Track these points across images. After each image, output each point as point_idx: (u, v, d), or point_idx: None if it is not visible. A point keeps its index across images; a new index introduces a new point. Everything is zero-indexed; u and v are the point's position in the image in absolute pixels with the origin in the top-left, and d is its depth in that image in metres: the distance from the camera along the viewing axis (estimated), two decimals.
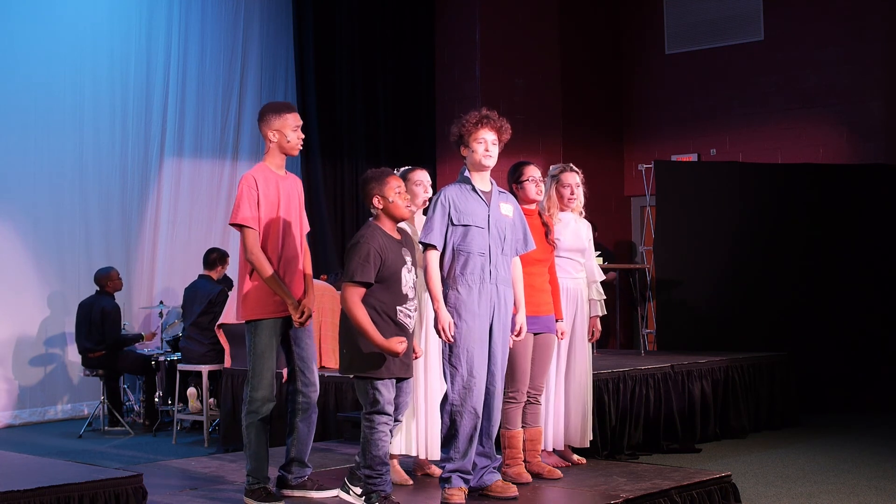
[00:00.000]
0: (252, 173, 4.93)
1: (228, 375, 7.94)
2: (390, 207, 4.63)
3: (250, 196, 4.84)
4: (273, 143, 4.96)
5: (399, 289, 4.55)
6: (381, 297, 4.52)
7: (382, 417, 4.54)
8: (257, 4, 11.50)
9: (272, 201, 4.90)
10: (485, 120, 4.94)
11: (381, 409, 4.53)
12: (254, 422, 4.87)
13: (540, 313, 5.42)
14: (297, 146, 5.00)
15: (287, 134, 4.95)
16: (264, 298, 4.86)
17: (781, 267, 10.06)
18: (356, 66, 11.75)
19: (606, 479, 5.43)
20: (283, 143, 4.96)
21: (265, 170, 4.96)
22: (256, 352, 4.87)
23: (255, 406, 4.86)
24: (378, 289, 4.51)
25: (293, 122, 4.96)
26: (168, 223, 10.78)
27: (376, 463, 4.53)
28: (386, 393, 4.54)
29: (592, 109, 12.32)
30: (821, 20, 11.30)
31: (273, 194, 4.91)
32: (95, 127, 10.35)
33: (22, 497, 4.11)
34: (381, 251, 4.50)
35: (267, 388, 4.87)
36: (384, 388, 4.53)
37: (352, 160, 11.73)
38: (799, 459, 7.22)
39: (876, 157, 10.79)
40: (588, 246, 6.08)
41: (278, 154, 4.99)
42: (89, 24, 10.34)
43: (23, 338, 9.88)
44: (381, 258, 4.50)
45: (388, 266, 4.52)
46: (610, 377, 7.16)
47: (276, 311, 4.87)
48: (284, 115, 4.95)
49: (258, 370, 4.86)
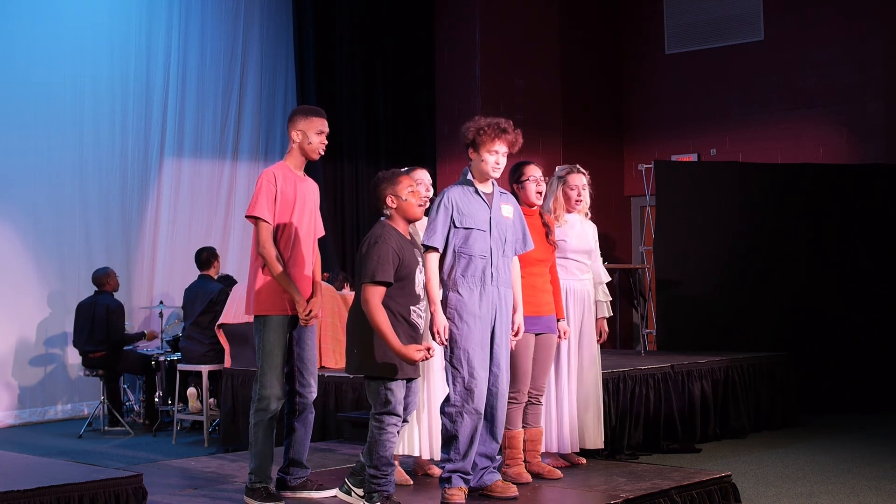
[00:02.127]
0: (273, 170, 4.97)
1: (228, 375, 7.94)
2: (403, 207, 4.62)
3: (269, 191, 4.88)
4: (295, 143, 5.01)
5: (413, 289, 4.57)
6: (396, 297, 4.52)
7: (392, 418, 4.53)
8: (257, 4, 11.50)
9: (289, 200, 4.92)
10: (504, 134, 4.93)
11: (391, 410, 4.52)
12: (262, 420, 4.86)
13: (541, 313, 5.41)
14: (319, 150, 5.02)
15: (310, 136, 4.98)
16: (275, 295, 4.87)
17: (781, 267, 10.06)
18: (356, 67, 11.75)
19: (606, 479, 5.43)
20: (305, 145, 4.99)
21: (285, 168, 5.00)
22: (265, 348, 4.87)
23: (264, 404, 4.86)
24: (394, 289, 4.51)
25: (318, 127, 4.99)
26: (168, 223, 10.78)
27: (382, 464, 4.52)
28: (398, 394, 4.53)
29: (592, 109, 12.32)
30: (821, 20, 11.30)
31: (290, 194, 4.94)
32: (95, 127, 10.35)
33: (22, 497, 4.11)
34: (398, 251, 4.51)
35: (276, 386, 4.87)
36: (397, 389, 4.53)
37: (352, 160, 11.73)
38: (799, 459, 7.22)
39: (875, 157, 10.79)
40: (594, 247, 6.08)
41: (299, 155, 5.03)
42: (89, 25, 10.35)
43: (23, 338, 9.88)
44: (399, 258, 4.50)
45: (404, 266, 4.52)
46: (610, 377, 7.16)
47: (285, 308, 4.88)
48: (311, 119, 4.99)
49: (267, 367, 4.86)
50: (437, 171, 11.72)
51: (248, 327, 7.37)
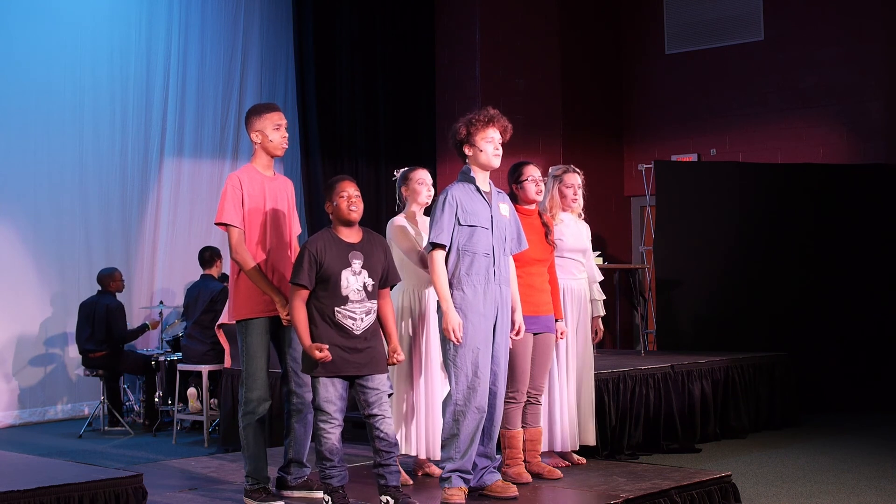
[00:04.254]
0: (237, 173, 4.94)
1: (228, 375, 7.94)
2: (335, 211, 4.73)
3: (234, 196, 4.85)
4: (257, 144, 4.97)
5: (338, 291, 4.64)
6: (321, 297, 4.65)
7: (321, 414, 4.64)
8: (257, 4, 11.50)
9: (257, 202, 4.90)
10: (494, 119, 4.95)
11: (317, 406, 4.65)
12: (251, 423, 4.88)
13: (539, 313, 5.42)
14: (281, 145, 4.99)
15: (269, 134, 4.94)
16: (253, 298, 4.87)
17: (781, 267, 10.06)
18: (356, 66, 11.75)
19: (606, 479, 5.43)
20: (266, 144, 4.96)
21: (251, 170, 4.96)
22: (248, 352, 4.89)
23: (250, 407, 4.87)
24: (318, 290, 4.64)
25: (274, 122, 4.95)
26: (168, 223, 10.78)
27: (321, 457, 4.66)
28: (323, 391, 4.63)
29: (592, 109, 12.31)
30: (821, 20, 11.29)
31: (258, 195, 4.91)
32: (95, 127, 10.35)
33: (22, 497, 4.11)
34: (317, 254, 4.62)
35: (261, 389, 4.87)
36: (321, 387, 4.63)
37: (352, 160, 11.72)
38: (799, 459, 7.22)
39: (876, 157, 10.78)
40: (588, 246, 6.12)
41: (264, 155, 5.00)
42: (89, 24, 10.34)
43: (23, 338, 9.88)
44: (317, 262, 4.62)
45: (325, 269, 4.63)
46: (610, 377, 7.17)
47: (265, 310, 4.88)
48: (265, 116, 4.95)
49: (251, 370, 4.88)
50: (437, 170, 11.72)
51: None
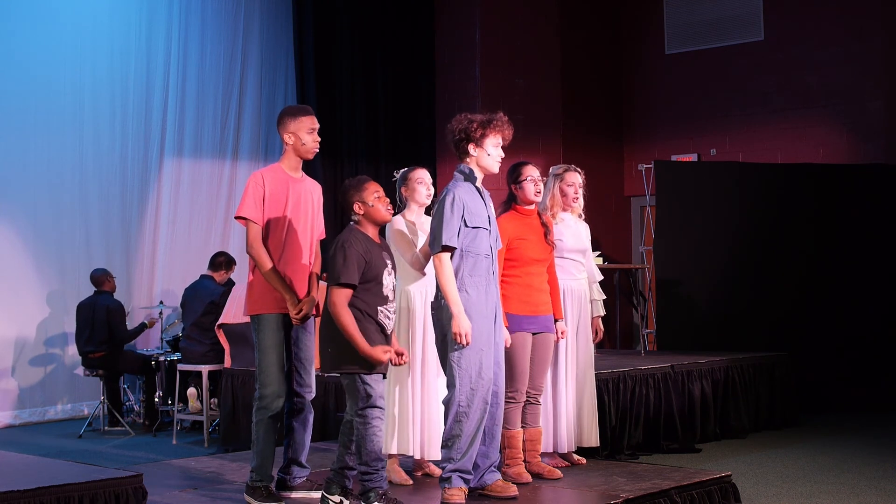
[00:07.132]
0: (262, 171, 5.01)
1: (228, 375, 7.94)
2: (371, 212, 4.68)
3: (256, 192, 4.91)
4: (289, 145, 5.02)
5: (381, 290, 4.63)
6: (364, 297, 4.59)
7: (376, 412, 4.58)
8: (257, 4, 11.49)
9: (279, 201, 4.93)
10: (502, 123, 4.95)
11: (374, 404, 4.57)
12: (263, 419, 4.87)
13: (538, 313, 5.42)
14: (313, 149, 5.04)
15: (302, 137, 4.99)
16: (267, 294, 4.89)
17: (781, 267, 10.06)
18: (356, 67, 11.75)
19: (606, 479, 5.43)
20: (299, 146, 5.01)
21: (277, 170, 5.01)
22: (262, 347, 4.89)
23: (265, 402, 4.87)
24: (361, 290, 4.59)
25: (308, 125, 4.99)
26: (168, 223, 10.77)
27: (372, 459, 4.55)
28: (377, 387, 4.59)
29: (592, 109, 12.32)
30: (821, 20, 11.30)
31: (281, 195, 4.94)
32: (95, 127, 10.35)
33: (22, 497, 4.11)
34: (364, 254, 4.58)
35: (275, 384, 4.87)
36: (374, 383, 4.58)
37: (352, 160, 11.73)
38: (799, 459, 7.22)
39: (876, 157, 10.79)
40: (588, 247, 6.12)
41: (294, 156, 5.04)
42: (89, 24, 10.34)
43: (23, 338, 9.88)
44: (364, 261, 4.58)
45: (371, 269, 4.60)
46: (610, 377, 7.16)
47: (278, 306, 4.89)
48: (300, 118, 4.99)
49: (264, 366, 4.88)
50: (437, 170, 11.72)
51: (248, 327, 7.34)
